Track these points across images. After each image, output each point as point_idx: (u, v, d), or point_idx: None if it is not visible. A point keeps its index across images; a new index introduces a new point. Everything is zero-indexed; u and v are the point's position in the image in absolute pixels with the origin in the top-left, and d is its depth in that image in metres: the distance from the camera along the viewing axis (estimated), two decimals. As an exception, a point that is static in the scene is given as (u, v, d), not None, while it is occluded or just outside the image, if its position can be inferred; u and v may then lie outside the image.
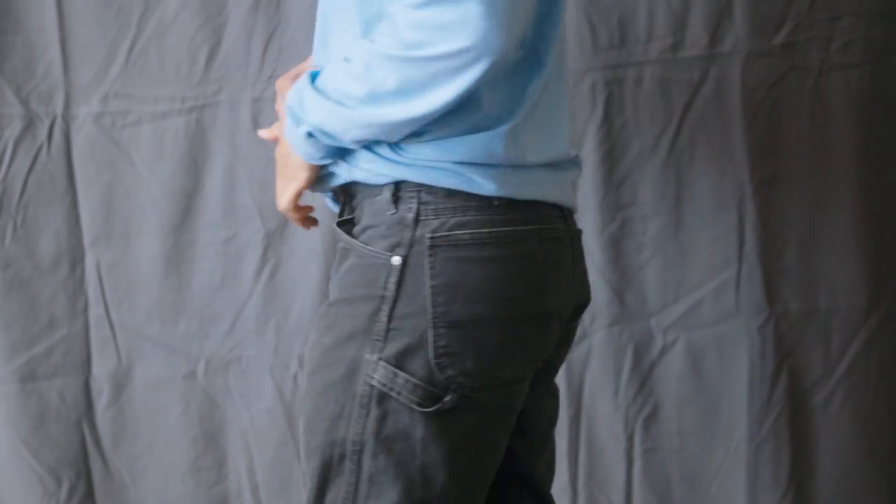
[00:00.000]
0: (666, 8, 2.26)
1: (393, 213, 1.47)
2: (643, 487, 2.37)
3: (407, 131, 1.44)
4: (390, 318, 1.46)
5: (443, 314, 1.45)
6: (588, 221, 2.30)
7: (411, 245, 1.46)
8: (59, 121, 2.27)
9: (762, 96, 2.28)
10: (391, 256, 1.46)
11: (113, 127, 2.27)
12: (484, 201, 1.46)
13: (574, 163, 1.59)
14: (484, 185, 1.46)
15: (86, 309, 2.32)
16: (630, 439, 2.36)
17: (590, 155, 2.29)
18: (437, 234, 1.46)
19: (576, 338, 2.29)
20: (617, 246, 2.32)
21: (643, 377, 2.35)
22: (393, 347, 1.46)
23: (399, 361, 1.46)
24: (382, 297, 1.46)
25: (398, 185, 1.47)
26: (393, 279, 1.46)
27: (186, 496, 2.36)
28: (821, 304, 2.34)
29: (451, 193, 1.46)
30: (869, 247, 2.32)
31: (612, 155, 2.30)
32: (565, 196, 1.55)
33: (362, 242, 1.49)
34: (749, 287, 2.33)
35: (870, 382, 2.36)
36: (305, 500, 1.53)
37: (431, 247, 1.46)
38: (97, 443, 2.34)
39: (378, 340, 1.47)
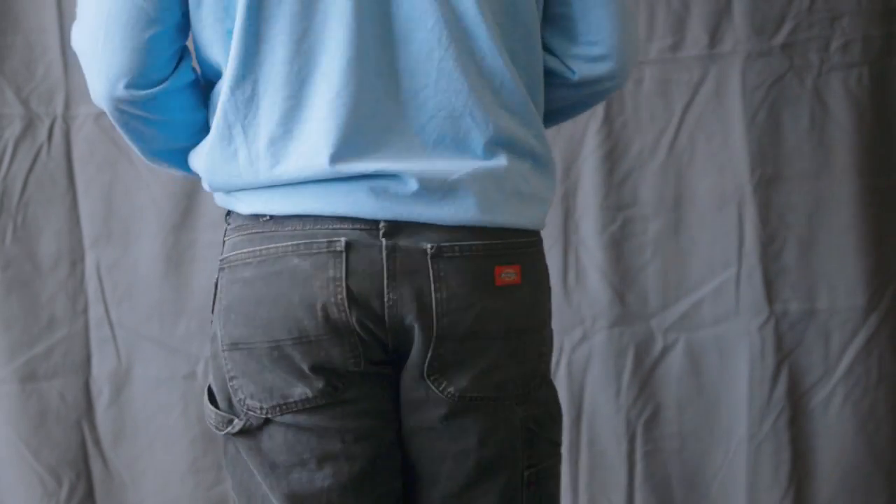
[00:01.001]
0: (666, 8, 2.26)
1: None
2: (644, 489, 2.37)
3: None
4: (210, 341, 1.52)
5: (224, 338, 1.47)
6: (589, 222, 2.30)
7: (219, 269, 1.50)
8: (59, 121, 2.27)
9: (762, 96, 2.28)
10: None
11: (113, 127, 2.25)
12: (250, 220, 1.47)
13: (383, 175, 1.43)
14: (243, 206, 1.47)
15: (86, 309, 2.32)
16: (631, 441, 2.36)
17: (590, 155, 2.29)
18: (222, 258, 1.49)
19: (576, 340, 2.31)
20: (617, 246, 2.32)
21: (644, 378, 2.35)
22: (209, 376, 1.54)
23: (210, 386, 1.53)
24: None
25: (227, 212, 1.53)
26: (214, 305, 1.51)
27: (186, 496, 2.36)
28: (821, 304, 2.34)
29: (229, 214, 1.51)
30: (869, 247, 2.32)
31: (612, 155, 2.30)
32: (360, 207, 1.43)
33: None
34: (749, 287, 2.33)
35: (869, 382, 2.36)
36: None
37: (220, 270, 1.49)
38: (97, 443, 2.34)
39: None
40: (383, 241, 1.42)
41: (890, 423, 2.37)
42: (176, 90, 1.50)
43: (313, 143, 1.42)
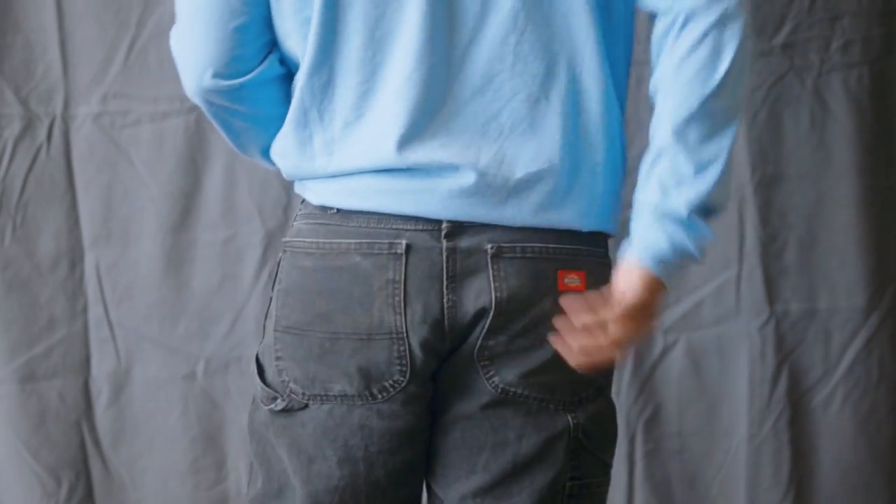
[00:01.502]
0: (666, 8, 2.26)
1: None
2: (644, 488, 2.37)
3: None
4: (265, 316, 1.55)
5: (279, 318, 1.50)
6: (588, 222, 2.30)
7: (283, 250, 1.54)
8: (58, 121, 2.27)
9: (762, 96, 2.28)
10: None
11: (112, 127, 2.27)
12: (318, 210, 1.50)
13: (447, 168, 1.44)
14: (313, 195, 1.51)
15: (85, 309, 2.32)
16: (631, 441, 2.36)
17: (590, 155, 2.29)
18: (287, 240, 1.52)
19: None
20: (617, 246, 2.31)
21: (644, 378, 2.35)
22: (260, 344, 1.56)
23: (259, 357, 1.55)
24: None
25: (302, 199, 1.56)
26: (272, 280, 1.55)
27: (186, 496, 2.36)
28: (821, 304, 2.34)
29: (303, 202, 1.54)
30: (869, 247, 2.32)
31: (612, 155, 2.30)
32: (424, 206, 1.44)
33: None
34: (749, 288, 2.33)
35: (870, 383, 2.36)
36: None
37: (283, 251, 1.52)
38: (97, 443, 2.34)
39: (259, 337, 1.58)
40: (444, 242, 1.43)
41: (890, 423, 2.37)
42: (263, 82, 1.53)
43: (382, 126, 1.44)
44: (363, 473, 1.49)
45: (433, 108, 1.43)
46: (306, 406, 1.49)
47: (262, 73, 1.52)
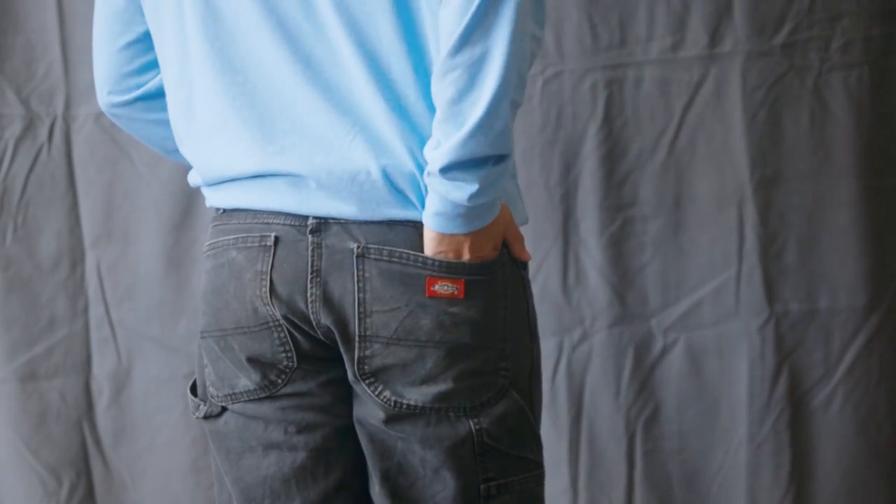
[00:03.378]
0: (666, 8, 2.26)
1: None
2: (644, 488, 2.37)
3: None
4: None
5: (201, 325, 1.53)
6: (589, 222, 2.30)
7: None
8: (59, 121, 2.27)
9: (762, 96, 2.28)
10: None
11: (113, 127, 2.27)
12: (213, 212, 1.54)
13: (294, 175, 1.45)
14: (207, 199, 1.55)
15: (86, 309, 2.32)
16: (631, 440, 2.36)
17: (590, 155, 2.29)
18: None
19: (576, 339, 2.31)
20: (617, 246, 2.32)
21: (644, 378, 2.35)
22: None
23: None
24: None
25: None
26: None
27: (186, 496, 2.36)
28: (821, 304, 2.34)
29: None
30: (869, 247, 2.32)
31: (612, 155, 2.30)
32: (288, 202, 1.45)
33: None
34: (749, 287, 2.33)
35: (870, 383, 2.36)
36: None
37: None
38: (97, 443, 2.35)
39: None
40: (309, 237, 1.43)
41: (890, 423, 2.37)
42: (159, 94, 1.58)
43: (218, 138, 1.47)
44: (288, 458, 1.50)
45: (270, 117, 1.44)
46: (224, 409, 1.52)
47: (155, 88, 1.58)
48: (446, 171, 1.35)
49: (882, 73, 2.29)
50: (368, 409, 1.47)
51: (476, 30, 1.32)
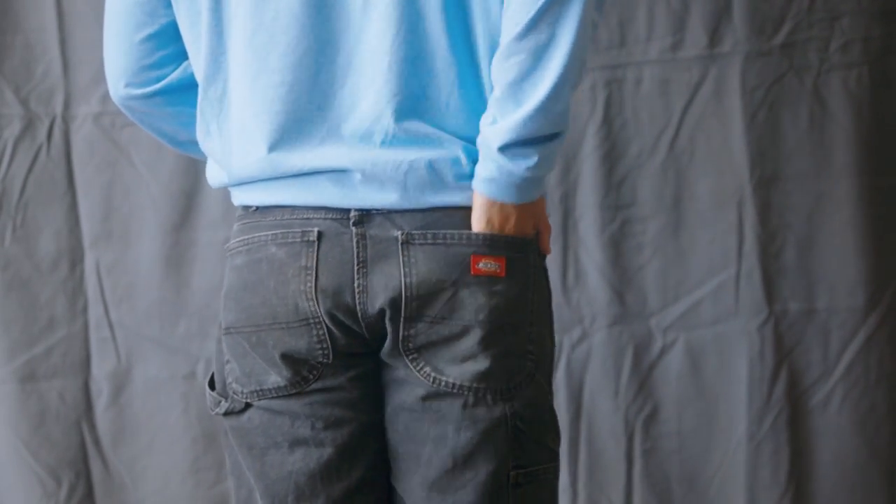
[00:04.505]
0: (666, 8, 2.26)
1: None
2: (643, 488, 2.37)
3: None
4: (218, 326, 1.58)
5: (223, 322, 1.53)
6: (588, 221, 2.30)
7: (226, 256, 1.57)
8: (58, 121, 2.27)
9: (762, 96, 2.28)
10: None
11: (112, 127, 2.27)
12: (243, 210, 1.54)
13: (337, 170, 1.47)
14: (235, 198, 1.55)
15: (85, 309, 2.32)
16: (630, 440, 2.36)
17: (590, 155, 2.29)
18: (226, 245, 1.56)
19: (576, 339, 2.31)
20: (617, 246, 2.32)
21: (643, 377, 2.35)
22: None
23: (214, 366, 1.59)
24: None
25: None
26: None
27: (186, 496, 2.36)
28: (820, 304, 2.34)
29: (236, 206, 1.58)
30: (869, 247, 2.32)
31: (611, 155, 2.30)
32: (329, 197, 1.47)
33: None
34: (748, 287, 2.33)
35: (869, 382, 2.36)
36: None
37: (227, 259, 1.56)
38: (97, 443, 2.34)
39: None
40: (353, 229, 1.45)
41: (889, 422, 2.37)
42: (180, 88, 1.57)
43: (252, 137, 1.47)
44: (314, 454, 1.51)
45: (310, 115, 1.46)
46: (248, 405, 1.52)
47: (176, 81, 1.57)
48: (505, 148, 1.39)
49: (882, 73, 2.29)
50: (405, 391, 1.49)
51: (545, 16, 1.36)
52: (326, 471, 1.51)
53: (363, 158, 1.44)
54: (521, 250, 1.47)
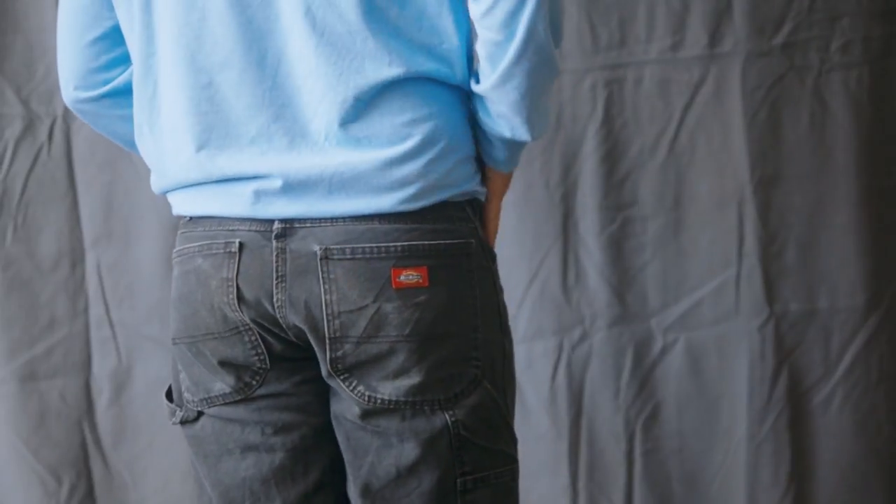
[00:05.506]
0: (666, 8, 2.26)
1: None
2: (644, 488, 2.37)
3: None
4: None
5: (172, 332, 1.53)
6: (588, 222, 2.30)
7: None
8: (59, 121, 2.27)
9: (762, 96, 2.28)
10: None
11: (113, 127, 2.27)
12: (180, 220, 1.54)
13: (261, 176, 1.44)
14: (173, 206, 1.55)
15: (86, 309, 2.32)
16: (630, 440, 2.36)
17: (590, 155, 2.29)
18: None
19: (576, 339, 2.31)
20: (617, 246, 2.32)
21: (643, 378, 2.35)
22: None
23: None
24: None
25: None
26: None
27: (186, 496, 2.36)
28: (821, 304, 2.34)
29: None
30: (869, 247, 2.32)
31: (612, 155, 2.30)
32: (252, 208, 1.44)
33: None
34: (749, 287, 2.33)
35: (870, 382, 2.36)
36: None
37: None
38: (97, 443, 2.35)
39: None
40: (274, 242, 1.43)
41: (890, 423, 2.37)
42: (127, 91, 1.56)
43: (182, 137, 1.46)
44: (266, 459, 1.50)
45: (236, 116, 1.43)
46: (200, 413, 1.52)
47: (123, 84, 1.56)
48: (501, 85, 1.40)
49: (882, 73, 2.29)
50: (345, 405, 1.47)
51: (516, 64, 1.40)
52: (280, 475, 1.51)
53: (287, 163, 1.41)
54: (450, 256, 1.43)
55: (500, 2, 1.36)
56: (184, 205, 1.50)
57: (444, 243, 1.43)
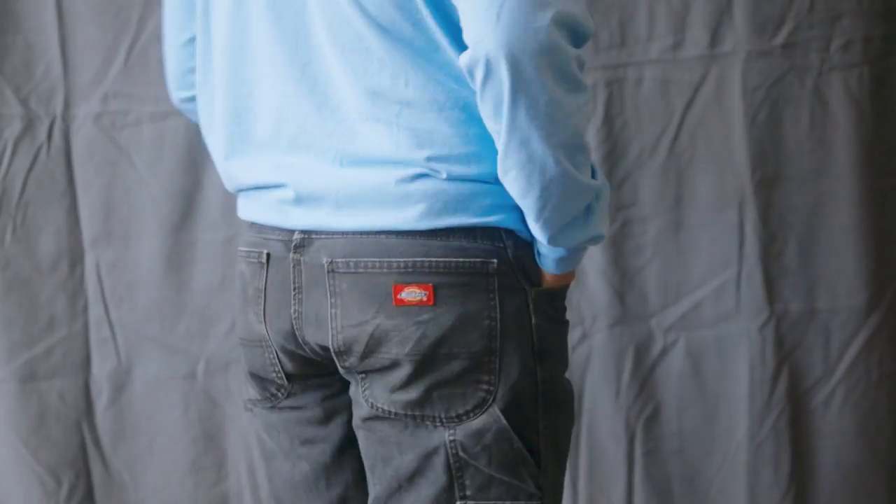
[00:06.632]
0: (666, 8, 2.26)
1: None
2: (644, 488, 2.37)
3: None
4: None
5: None
6: (588, 222, 2.30)
7: None
8: (58, 121, 2.27)
9: (762, 96, 2.28)
10: None
11: (113, 127, 2.27)
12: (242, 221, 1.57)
13: (282, 185, 1.44)
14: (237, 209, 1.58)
15: (85, 309, 2.32)
16: (631, 441, 2.36)
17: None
18: None
19: (576, 339, 2.31)
20: (617, 247, 2.32)
21: (644, 378, 2.35)
22: None
23: None
24: None
25: None
26: None
27: (186, 496, 2.36)
28: (821, 304, 2.34)
29: None
30: (869, 247, 2.32)
31: (612, 155, 2.30)
32: (278, 217, 1.45)
33: None
34: (749, 288, 2.33)
35: (870, 383, 2.36)
36: None
37: None
38: (97, 443, 2.34)
39: None
40: (291, 253, 1.42)
41: (890, 423, 2.37)
42: None
43: (219, 145, 1.49)
44: (298, 468, 1.53)
45: (262, 127, 1.44)
46: (252, 409, 1.58)
47: None
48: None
49: (882, 73, 2.29)
50: (357, 409, 1.46)
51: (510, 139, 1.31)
52: (306, 486, 1.53)
53: (300, 175, 1.40)
54: (463, 274, 1.37)
55: (486, 89, 1.28)
56: (240, 208, 1.53)
57: (456, 261, 1.37)
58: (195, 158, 2.28)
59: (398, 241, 1.37)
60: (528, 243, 1.41)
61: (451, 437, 1.40)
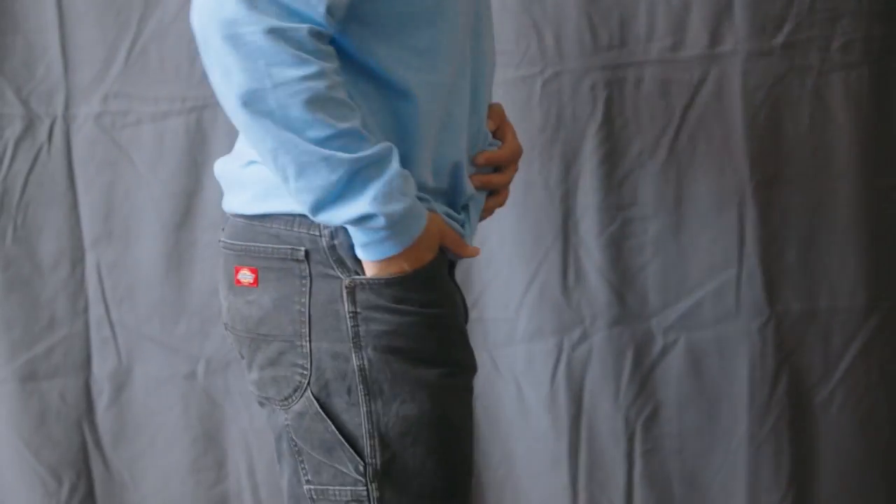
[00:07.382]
0: (666, 8, 2.26)
1: None
2: (644, 488, 2.37)
3: None
4: None
5: None
6: (588, 222, 2.30)
7: None
8: (59, 121, 2.27)
9: (762, 96, 2.28)
10: None
11: (113, 127, 2.27)
12: None
13: None
14: None
15: (86, 309, 2.32)
16: (630, 440, 2.36)
17: (590, 155, 2.29)
18: None
19: (576, 339, 2.31)
20: (617, 246, 2.32)
21: (644, 378, 2.35)
22: None
23: None
24: None
25: None
26: None
27: (186, 496, 2.36)
28: (821, 304, 2.34)
29: None
30: (869, 247, 2.31)
31: (612, 155, 2.30)
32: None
33: None
34: (749, 288, 2.32)
35: (870, 383, 2.36)
36: None
37: None
38: (97, 443, 2.35)
39: None
40: (221, 232, 1.55)
41: (890, 423, 2.37)
42: None
43: None
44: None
45: None
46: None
47: None
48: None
49: (882, 73, 2.29)
50: None
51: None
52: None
53: (225, 160, 1.56)
54: (277, 260, 1.44)
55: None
56: None
57: (272, 247, 1.45)
58: (195, 158, 2.28)
59: (240, 224, 1.49)
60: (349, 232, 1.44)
61: (286, 422, 1.48)
